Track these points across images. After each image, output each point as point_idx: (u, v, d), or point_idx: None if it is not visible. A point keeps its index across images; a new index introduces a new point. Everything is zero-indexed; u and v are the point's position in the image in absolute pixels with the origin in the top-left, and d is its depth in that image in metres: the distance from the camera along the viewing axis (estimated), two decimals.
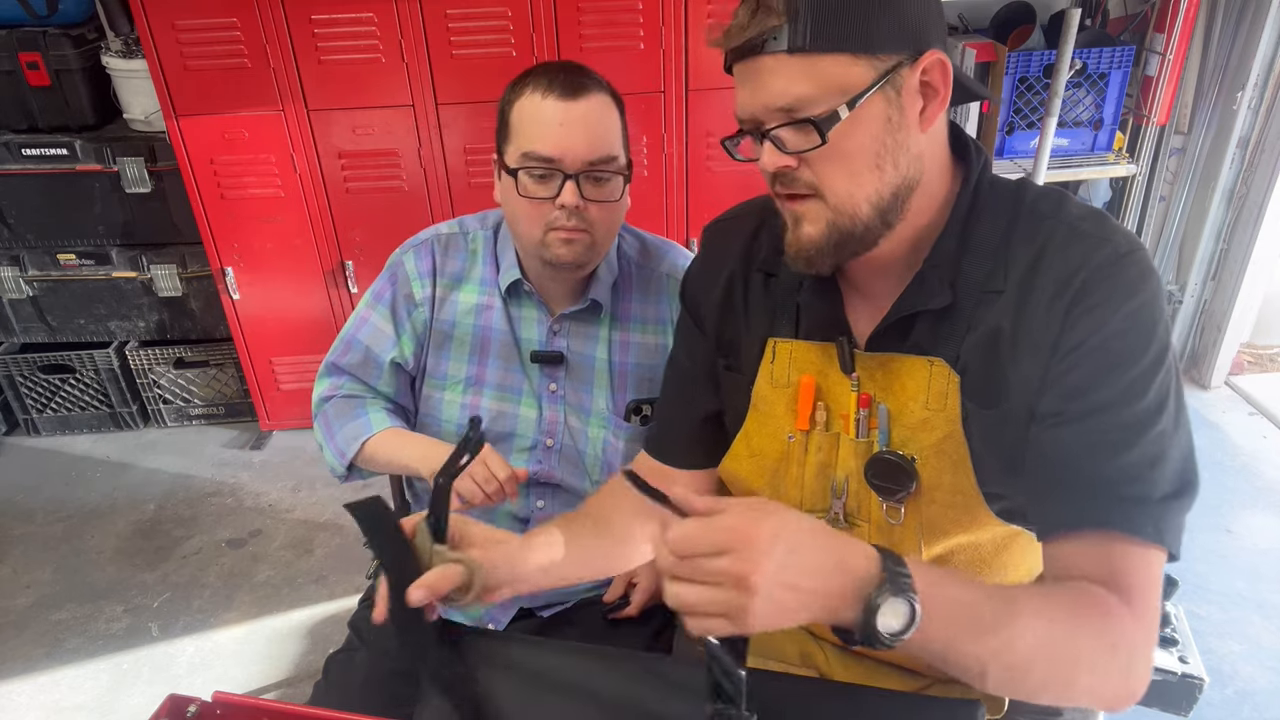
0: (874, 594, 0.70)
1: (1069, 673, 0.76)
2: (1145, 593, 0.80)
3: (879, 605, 0.70)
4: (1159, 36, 2.66)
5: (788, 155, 0.83)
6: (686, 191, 2.68)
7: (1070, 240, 0.86)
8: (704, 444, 1.11)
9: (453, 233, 1.35)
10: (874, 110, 0.81)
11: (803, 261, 0.88)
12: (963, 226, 0.90)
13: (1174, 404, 0.84)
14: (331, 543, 2.52)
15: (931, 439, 0.93)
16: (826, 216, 0.85)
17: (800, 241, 0.87)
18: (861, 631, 0.71)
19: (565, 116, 1.15)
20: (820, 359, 0.99)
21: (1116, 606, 0.79)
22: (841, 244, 0.86)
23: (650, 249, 1.38)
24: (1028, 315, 0.86)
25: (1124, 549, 0.81)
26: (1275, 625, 2.15)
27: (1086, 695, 0.79)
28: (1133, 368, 0.82)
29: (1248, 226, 2.91)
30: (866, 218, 0.85)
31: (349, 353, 1.36)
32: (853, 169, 0.83)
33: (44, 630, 2.25)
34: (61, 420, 3.04)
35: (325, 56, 2.43)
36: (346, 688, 1.28)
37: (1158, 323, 0.83)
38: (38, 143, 2.64)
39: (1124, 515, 0.81)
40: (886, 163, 0.83)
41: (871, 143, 0.82)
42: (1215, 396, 3.09)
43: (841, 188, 0.83)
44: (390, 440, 1.29)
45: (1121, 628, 0.78)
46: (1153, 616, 0.80)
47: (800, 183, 0.85)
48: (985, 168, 0.92)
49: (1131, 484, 0.81)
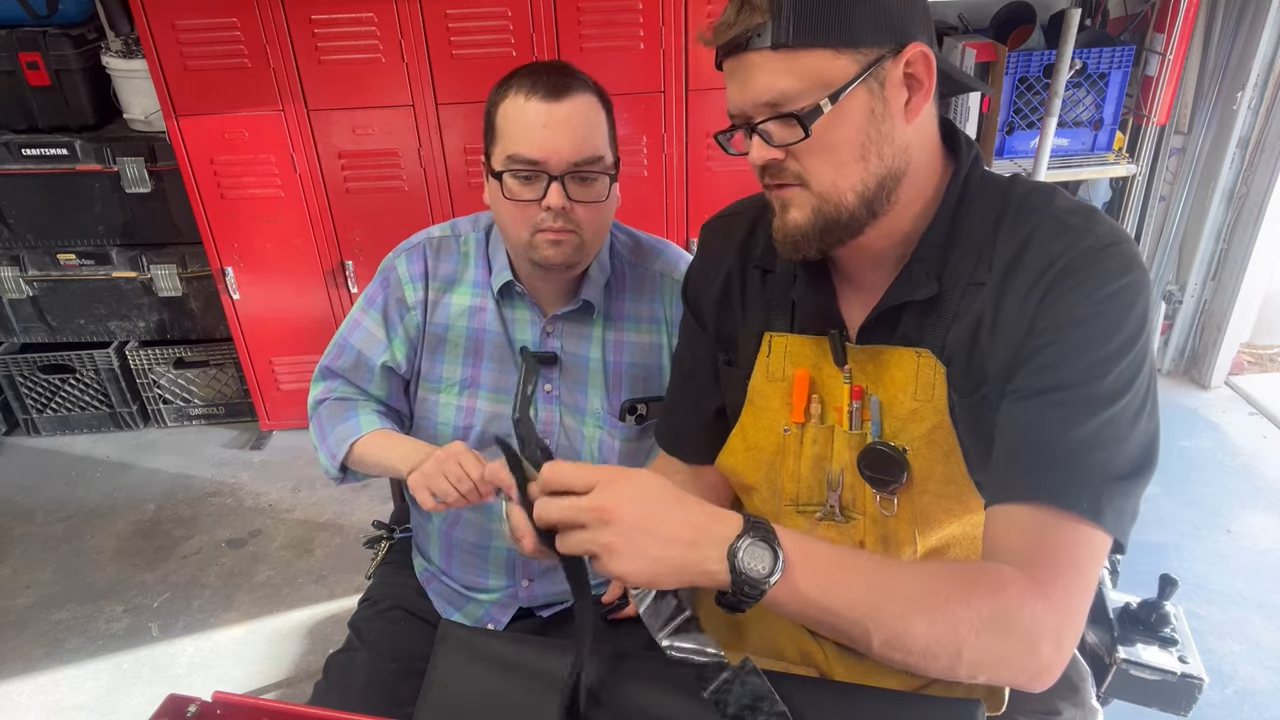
0: (735, 541, 0.74)
1: (950, 639, 0.76)
2: (1064, 570, 0.79)
3: (739, 549, 0.74)
4: (1159, 36, 2.66)
5: (774, 149, 0.85)
6: (686, 191, 2.68)
7: (1056, 232, 0.86)
8: (720, 438, 1.12)
9: (444, 236, 1.35)
10: (857, 103, 0.83)
11: (790, 246, 0.90)
12: (951, 219, 0.91)
13: (1140, 393, 0.83)
14: (331, 543, 2.52)
15: (921, 429, 0.94)
16: (812, 204, 0.87)
17: (787, 227, 0.89)
18: (731, 578, 0.74)
19: (549, 118, 1.14)
20: (814, 352, 1.00)
21: (1014, 581, 0.78)
22: (827, 230, 0.88)
23: (644, 248, 1.38)
24: (1007, 303, 0.87)
25: (1055, 523, 0.80)
26: (1275, 625, 2.15)
27: (983, 669, 0.78)
28: (1097, 350, 0.82)
29: (1248, 226, 2.91)
30: (852, 206, 0.86)
31: (341, 356, 1.36)
32: (837, 160, 0.85)
33: (44, 630, 2.25)
34: (61, 420, 3.04)
35: (325, 56, 2.43)
36: (346, 688, 1.28)
37: (1130, 311, 0.83)
38: (38, 143, 2.64)
39: (1059, 488, 0.80)
40: (871, 153, 0.85)
41: (855, 134, 0.84)
42: (1215, 396, 3.09)
43: (826, 178, 0.85)
44: (377, 442, 1.30)
45: (1018, 604, 0.77)
46: (1073, 596, 0.79)
47: (787, 173, 0.87)
48: (976, 161, 0.92)
49: (1073, 459, 0.81)
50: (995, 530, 0.84)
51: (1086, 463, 0.81)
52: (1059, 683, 1.08)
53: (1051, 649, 0.78)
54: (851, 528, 1.03)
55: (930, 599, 0.77)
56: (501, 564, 1.37)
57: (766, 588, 0.74)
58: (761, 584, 0.74)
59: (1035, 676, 0.79)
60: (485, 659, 0.88)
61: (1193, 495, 2.60)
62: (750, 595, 0.74)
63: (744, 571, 0.74)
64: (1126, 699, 1.14)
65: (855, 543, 1.03)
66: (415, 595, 1.44)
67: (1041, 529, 0.81)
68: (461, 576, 1.40)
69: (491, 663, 0.87)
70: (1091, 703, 1.10)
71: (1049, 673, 0.79)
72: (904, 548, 1.00)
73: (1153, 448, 0.84)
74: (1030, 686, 0.80)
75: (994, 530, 0.85)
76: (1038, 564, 0.79)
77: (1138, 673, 1.11)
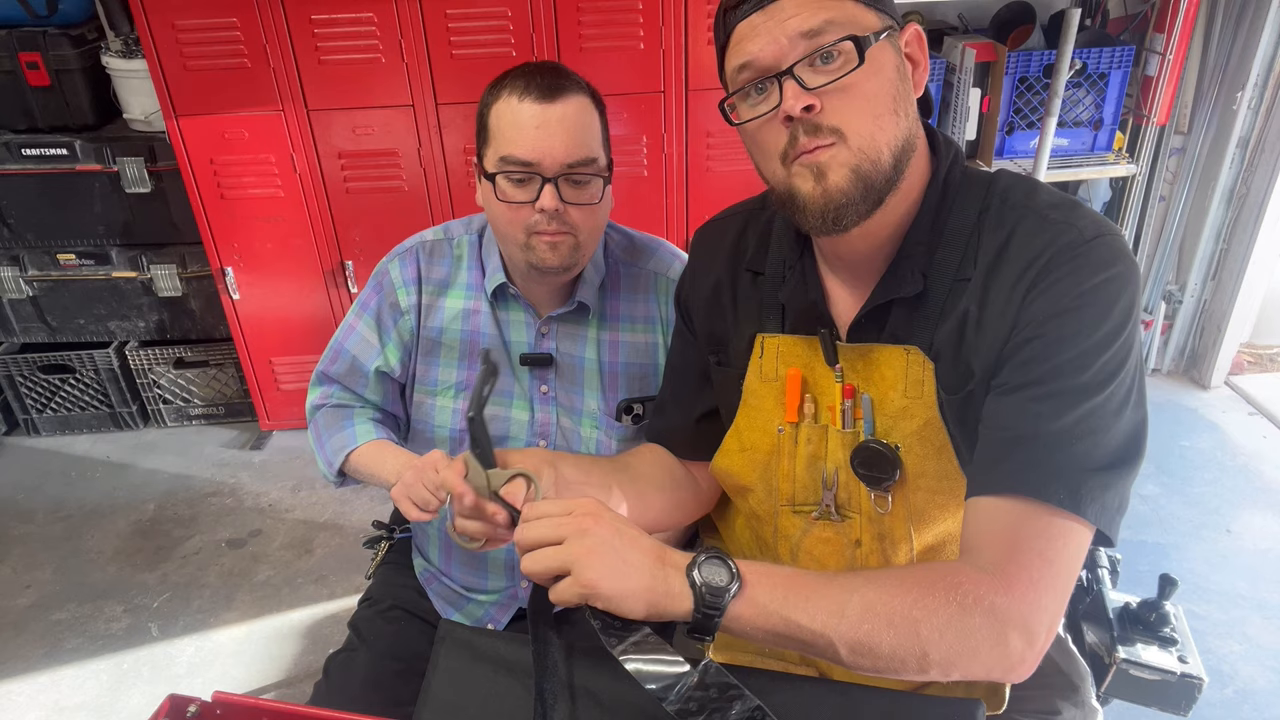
0: (692, 561, 0.79)
1: (912, 642, 0.77)
2: (1031, 563, 0.79)
3: (697, 564, 0.79)
4: (1159, 36, 2.66)
5: (810, 95, 0.82)
6: (686, 191, 2.68)
7: (1038, 227, 0.87)
8: (705, 438, 1.14)
9: (437, 239, 1.34)
10: (888, 56, 0.85)
11: (831, 217, 0.85)
12: (935, 216, 0.91)
13: (1124, 386, 0.83)
14: (331, 543, 2.52)
15: (912, 426, 0.94)
16: (851, 162, 0.84)
17: (830, 193, 0.84)
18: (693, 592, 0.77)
19: (542, 119, 1.14)
20: (806, 352, 1.01)
21: (969, 578, 0.78)
22: (867, 192, 0.85)
23: (638, 247, 1.37)
24: (991, 299, 0.87)
25: (1030, 514, 0.80)
26: (1275, 625, 2.15)
27: (954, 667, 0.78)
28: (1079, 343, 0.82)
29: (1248, 226, 2.91)
30: (888, 164, 0.85)
31: (337, 361, 1.36)
32: (875, 110, 0.84)
33: (44, 630, 2.25)
34: (61, 420, 3.04)
35: (325, 56, 2.43)
36: (346, 688, 1.28)
37: (1114, 304, 0.83)
38: (38, 143, 2.64)
39: (1036, 480, 0.81)
40: (901, 110, 0.86)
41: (889, 86, 0.85)
42: (1215, 396, 3.09)
43: (865, 128, 0.84)
44: (371, 454, 1.29)
45: (974, 599, 0.77)
46: (1041, 589, 0.78)
47: (823, 129, 0.83)
48: (956, 159, 0.93)
49: (1052, 451, 0.81)
50: (970, 523, 0.85)
51: (1066, 454, 0.81)
52: (1059, 682, 1.09)
53: (1021, 641, 0.78)
54: (847, 526, 1.03)
55: (887, 604, 0.78)
56: (501, 565, 1.37)
57: (728, 598, 0.77)
58: (723, 593, 0.77)
59: (1010, 669, 0.79)
60: (485, 659, 0.88)
61: (1193, 495, 2.60)
62: (714, 608, 0.77)
63: (705, 582, 0.77)
64: (1126, 699, 1.14)
65: (852, 541, 1.04)
66: (415, 595, 1.44)
67: (1015, 521, 0.81)
68: (461, 577, 1.40)
69: (491, 663, 0.87)
70: (1091, 702, 1.10)
71: (1024, 664, 0.79)
72: (900, 545, 1.01)
73: (1139, 439, 0.84)
74: (1007, 678, 0.80)
75: (970, 523, 0.85)
76: (1007, 557, 0.80)
77: (1137, 672, 1.11)
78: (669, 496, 1.16)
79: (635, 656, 0.77)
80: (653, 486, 1.14)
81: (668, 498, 1.15)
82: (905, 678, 0.81)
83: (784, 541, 1.08)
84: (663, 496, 1.15)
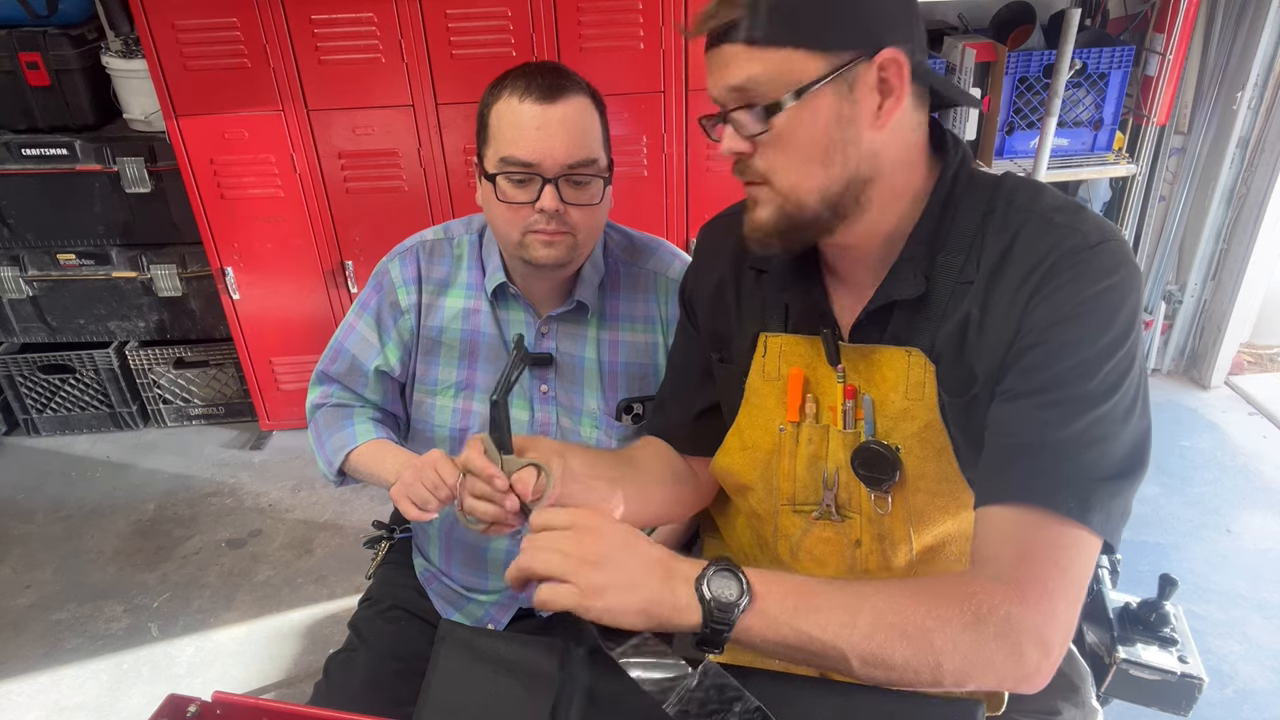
0: (701, 574, 0.78)
1: (926, 653, 0.76)
2: (1045, 573, 0.79)
3: (706, 578, 0.78)
4: (1159, 36, 2.66)
5: (742, 141, 0.87)
6: (686, 191, 2.68)
7: (1042, 231, 0.87)
8: (704, 434, 1.15)
9: (437, 239, 1.34)
10: (824, 104, 0.83)
11: (755, 242, 0.92)
12: (938, 218, 0.91)
13: (1129, 393, 0.83)
14: (331, 543, 2.52)
15: (913, 428, 0.94)
16: (776, 202, 0.88)
17: (753, 223, 0.91)
18: (701, 606, 0.76)
19: (543, 120, 1.14)
20: (808, 352, 1.01)
21: (984, 589, 0.78)
22: (789, 230, 0.89)
23: (638, 246, 1.37)
24: (994, 303, 0.87)
25: (1041, 524, 0.80)
26: (1275, 625, 2.15)
27: (969, 678, 0.78)
28: (1083, 350, 0.82)
29: (1248, 226, 2.91)
30: (814, 208, 0.87)
31: (336, 361, 1.36)
32: (800, 160, 0.85)
33: (44, 630, 2.25)
34: (61, 420, 3.04)
35: (325, 56, 2.43)
36: (346, 688, 1.28)
37: (1118, 310, 0.83)
38: (38, 143, 2.64)
39: (1045, 489, 0.80)
40: (835, 158, 0.85)
41: (820, 136, 0.84)
42: (1215, 396, 3.09)
43: (788, 179, 0.86)
44: (370, 454, 1.29)
45: (989, 610, 0.77)
46: (1055, 597, 0.78)
47: (753, 170, 0.88)
48: (964, 161, 0.93)
49: (1060, 460, 0.81)
50: (982, 533, 0.85)
51: (1074, 463, 0.81)
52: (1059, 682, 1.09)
53: (1037, 651, 0.78)
54: (847, 526, 1.03)
55: (899, 614, 0.77)
56: (501, 565, 1.37)
57: (738, 613, 0.76)
58: (732, 609, 0.76)
59: (1025, 679, 0.79)
60: (485, 659, 0.88)
61: (1193, 495, 2.60)
62: (723, 623, 0.75)
63: (714, 597, 0.76)
64: (1126, 699, 1.14)
65: (852, 541, 1.04)
66: (415, 595, 1.44)
67: (1026, 531, 0.81)
68: (461, 577, 1.40)
69: (491, 663, 0.87)
70: (1091, 703, 1.10)
71: (1039, 674, 0.79)
72: (900, 546, 1.01)
73: (1144, 447, 0.83)
74: (1022, 689, 0.80)
75: (981, 533, 0.85)
76: (1020, 566, 0.79)
77: (1138, 673, 1.11)
78: (670, 490, 1.17)
79: (634, 659, 0.77)
80: (654, 480, 1.15)
81: (669, 491, 1.16)
82: (918, 689, 0.80)
83: (784, 540, 1.08)
84: (664, 490, 1.16)
